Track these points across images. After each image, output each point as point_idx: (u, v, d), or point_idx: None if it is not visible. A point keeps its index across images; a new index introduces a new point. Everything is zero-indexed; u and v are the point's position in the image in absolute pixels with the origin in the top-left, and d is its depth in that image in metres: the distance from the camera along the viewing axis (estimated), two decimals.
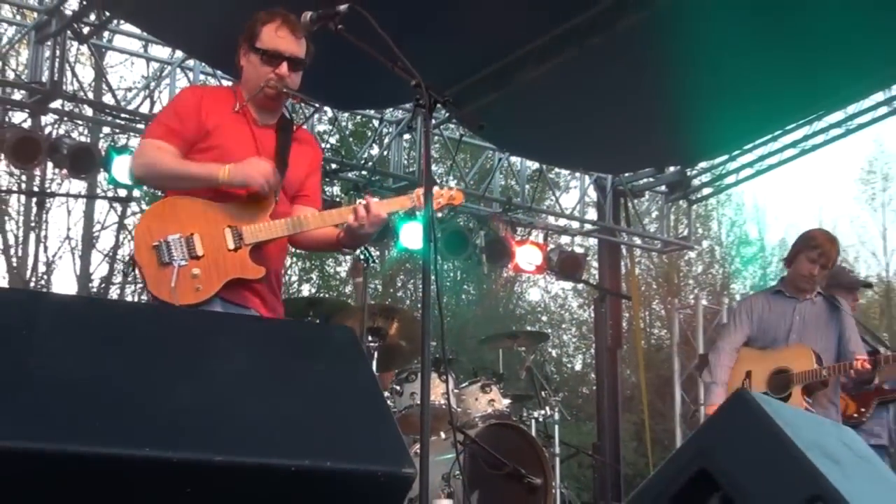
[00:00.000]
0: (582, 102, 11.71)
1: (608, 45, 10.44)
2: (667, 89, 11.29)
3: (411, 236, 12.54)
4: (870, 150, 36.11)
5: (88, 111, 12.69)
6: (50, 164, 12.11)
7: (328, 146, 16.48)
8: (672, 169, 14.48)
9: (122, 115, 11.60)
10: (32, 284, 22.79)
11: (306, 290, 27.13)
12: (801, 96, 12.30)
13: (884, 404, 8.24)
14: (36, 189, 22.07)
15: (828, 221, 35.64)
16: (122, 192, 14.26)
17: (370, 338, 9.02)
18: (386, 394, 8.62)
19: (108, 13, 10.48)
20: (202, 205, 4.76)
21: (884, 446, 8.18)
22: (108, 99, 12.33)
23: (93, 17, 10.55)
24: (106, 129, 14.89)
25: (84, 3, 10.36)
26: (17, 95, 11.62)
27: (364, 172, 13.06)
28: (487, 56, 11.07)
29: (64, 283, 24.47)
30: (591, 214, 14.90)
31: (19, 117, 11.82)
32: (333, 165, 12.79)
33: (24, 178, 22.35)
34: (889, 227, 35.50)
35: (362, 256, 9.99)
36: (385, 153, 13.30)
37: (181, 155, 4.86)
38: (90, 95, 13.10)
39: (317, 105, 5.00)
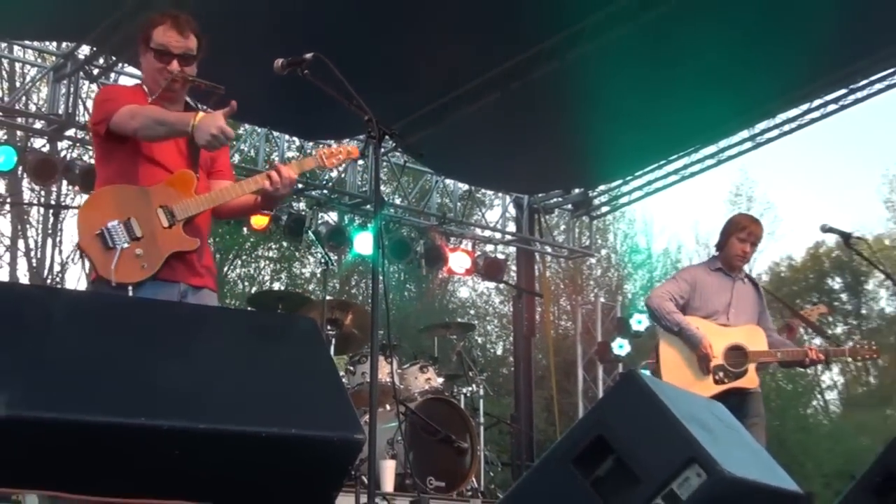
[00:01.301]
0: (504, 136, 11.76)
1: (526, 90, 10.53)
2: (573, 126, 11.40)
3: (363, 244, 12.52)
4: (736, 177, 36.36)
5: None
6: (64, 182, 11.95)
7: None
8: (577, 190, 14.52)
9: None
10: (49, 281, 22.51)
11: (276, 286, 26.96)
12: (681, 134, 12.50)
13: None
14: (53, 202, 21.89)
15: (703, 234, 35.95)
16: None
17: (329, 327, 8.99)
18: (341, 373, 8.59)
19: (114, 57, 10.42)
20: (133, 191, 4.49)
21: None
22: None
23: (101, 60, 10.50)
24: None
25: (94, 49, 10.28)
26: (38, 125, 11.51)
27: (325, 191, 13.03)
28: (427, 97, 11.09)
29: (75, 281, 24.14)
30: (511, 227, 14.88)
31: (39, 143, 11.72)
32: (300, 185, 12.72)
33: (42, 193, 22.09)
34: None
35: (324, 261, 9.96)
36: (343, 175, 13.24)
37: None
38: None
39: (222, 90, 4.65)
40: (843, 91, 11.58)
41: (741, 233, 7.06)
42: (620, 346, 14.84)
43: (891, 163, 48.48)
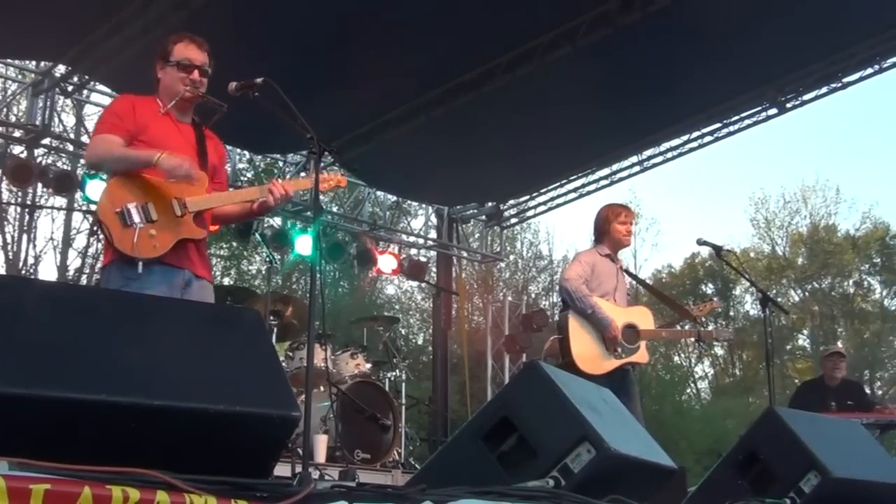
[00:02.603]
0: (428, 155, 11.80)
1: (448, 116, 10.60)
2: (488, 148, 11.47)
3: (304, 246, 12.43)
4: (626, 195, 36.69)
5: (70, 147, 12.31)
6: (39, 185, 11.72)
7: (245, 179, 16.20)
8: (490, 204, 14.57)
9: None
10: (23, 273, 22.07)
11: (226, 281, 26.68)
12: (580, 158, 12.69)
13: None
14: (28, 203, 21.49)
15: None
16: (94, 207, 13.85)
17: (272, 318, 8.92)
18: (281, 358, 8.53)
19: (87, 76, 10.29)
20: (153, 181, 4.47)
21: None
22: (85, 139, 11.96)
23: (76, 78, 10.37)
24: (82, 161, 14.48)
25: (69, 68, 10.13)
26: (17, 133, 11.30)
27: None
28: (360, 120, 11.12)
29: (47, 272, 23.71)
30: (433, 234, 14.86)
31: (18, 149, 11.48)
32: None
33: (19, 194, 21.73)
34: (637, 250, 36.03)
35: (269, 260, 9.88)
36: None
37: (125, 144, 4.53)
38: (71, 135, 12.67)
39: (225, 108, 4.71)
40: (717, 125, 11.87)
41: (620, 216, 7.04)
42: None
43: (755, 187, 49.46)
